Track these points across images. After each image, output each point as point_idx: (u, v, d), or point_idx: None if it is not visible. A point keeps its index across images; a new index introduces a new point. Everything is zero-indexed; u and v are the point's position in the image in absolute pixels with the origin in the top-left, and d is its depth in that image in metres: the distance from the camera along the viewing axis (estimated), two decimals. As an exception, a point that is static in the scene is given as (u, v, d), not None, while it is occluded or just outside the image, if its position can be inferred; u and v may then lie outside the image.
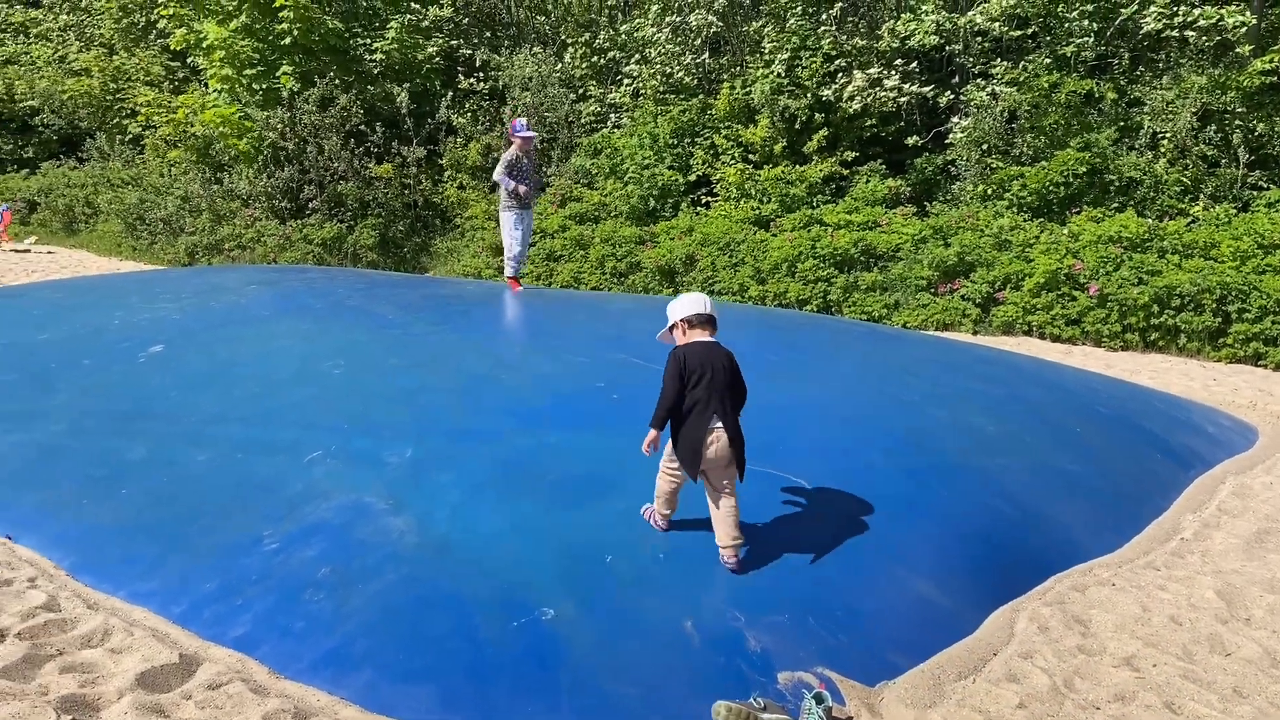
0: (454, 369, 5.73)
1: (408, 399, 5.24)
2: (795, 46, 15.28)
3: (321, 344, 6.28)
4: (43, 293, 9.00)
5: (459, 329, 7.03)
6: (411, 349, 6.14)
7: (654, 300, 9.91)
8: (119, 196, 19.51)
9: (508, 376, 5.41)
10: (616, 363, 5.74)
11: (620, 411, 4.87)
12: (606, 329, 6.89)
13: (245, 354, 6.15)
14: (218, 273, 10.22)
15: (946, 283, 12.31)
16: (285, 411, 5.17)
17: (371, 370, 5.72)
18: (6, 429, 5.37)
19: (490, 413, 5.02)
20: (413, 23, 18.47)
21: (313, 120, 17.34)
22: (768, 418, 4.96)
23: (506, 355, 6.04)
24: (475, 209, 17.30)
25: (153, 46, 22.46)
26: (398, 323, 6.87)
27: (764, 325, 8.20)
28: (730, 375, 3.95)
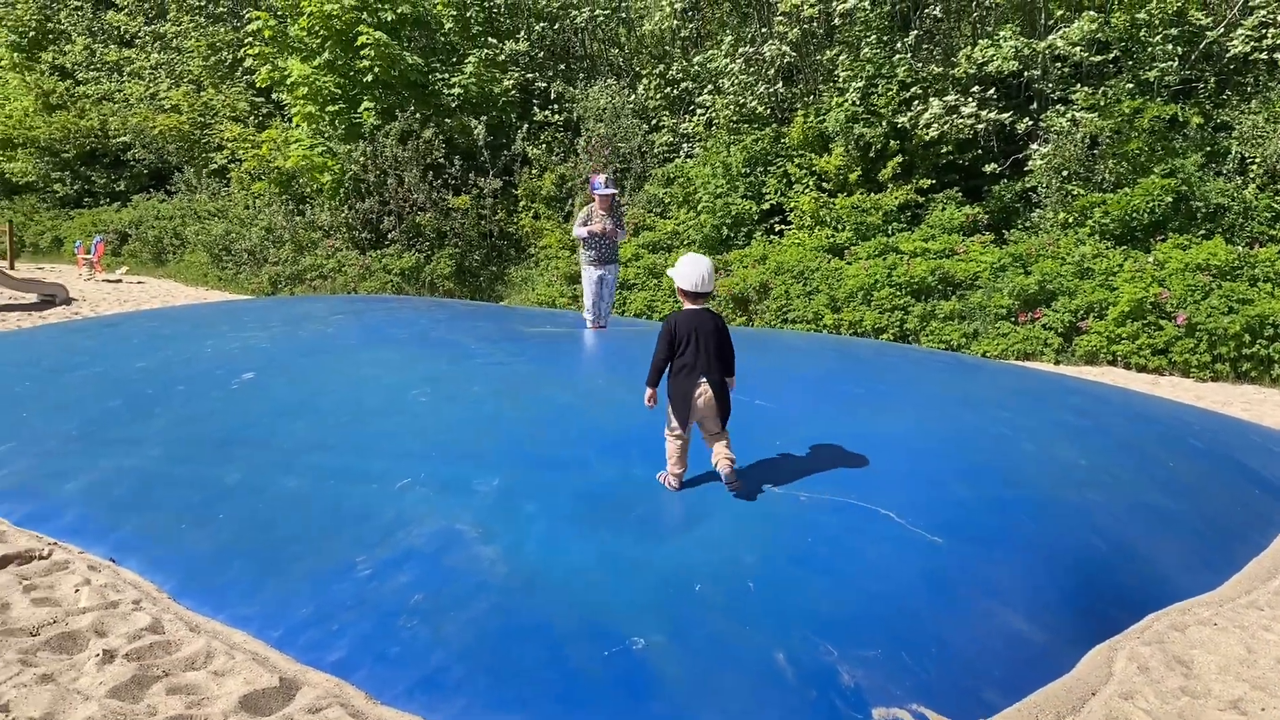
0: (537, 399, 5.80)
1: (493, 428, 5.31)
2: (870, 74, 15.25)
3: (407, 373, 6.40)
4: (138, 322, 9.32)
5: (540, 359, 7.11)
6: (494, 379, 6.23)
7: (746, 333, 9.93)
8: (205, 228, 20.14)
9: (590, 407, 5.45)
10: (699, 393, 5.76)
11: (703, 442, 4.87)
12: None
13: (334, 382, 6.29)
14: (302, 302, 10.49)
15: (1027, 311, 12.12)
16: (375, 439, 5.28)
17: (456, 399, 5.80)
18: (110, 454, 5.56)
19: (574, 443, 5.06)
20: (489, 57, 18.81)
21: (394, 153, 17.73)
22: (853, 449, 4.93)
23: (588, 386, 6.08)
24: (549, 238, 17.51)
25: (239, 83, 23.21)
26: (479, 353, 6.97)
27: (843, 355, 8.16)
28: (717, 338, 4.56)
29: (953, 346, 12.24)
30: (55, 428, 6.20)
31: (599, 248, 9.59)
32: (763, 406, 5.39)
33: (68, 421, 6.26)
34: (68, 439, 5.98)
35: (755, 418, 5.14)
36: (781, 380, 6.32)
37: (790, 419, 5.38)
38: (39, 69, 29.18)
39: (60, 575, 4.41)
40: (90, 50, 28.85)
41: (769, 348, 8.13)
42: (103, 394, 6.65)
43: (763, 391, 5.66)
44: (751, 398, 5.32)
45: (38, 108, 27.80)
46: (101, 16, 28.86)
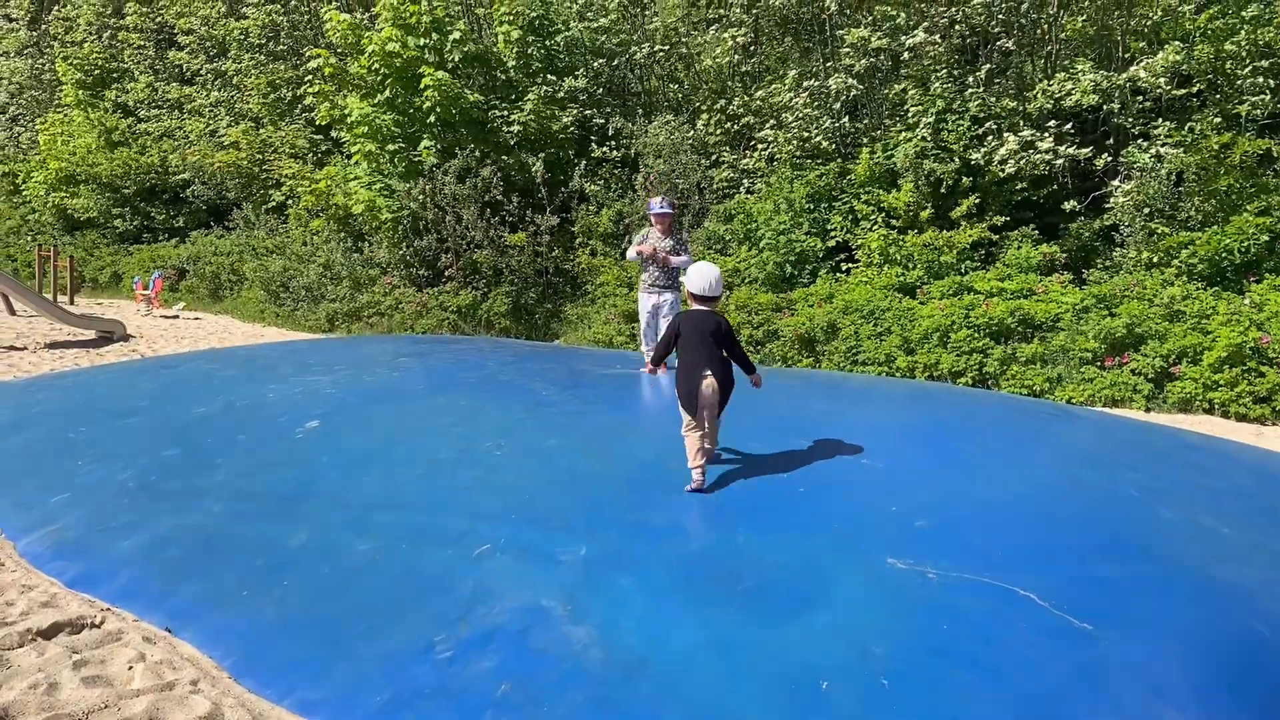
0: (618, 453, 5.40)
1: (574, 486, 4.92)
2: (940, 109, 14.80)
3: (479, 422, 6.04)
4: (197, 364, 9.08)
5: (617, 407, 6.72)
6: (571, 430, 5.85)
7: (817, 376, 9.47)
8: (263, 264, 20.11)
9: (678, 463, 5.03)
10: (798, 449, 5.31)
11: (810, 507, 4.44)
12: (776, 409, 6.47)
13: (404, 432, 5.95)
14: (365, 343, 10.23)
15: (1114, 356, 11.53)
16: (449, 497, 4.90)
17: (534, 453, 5.42)
18: (168, 509, 5.24)
19: (665, 505, 4.65)
20: (548, 94, 18.64)
21: (452, 191, 17.56)
22: (977, 515, 4.47)
23: (672, 439, 5.68)
24: (607, 275, 17.19)
25: (297, 120, 23.30)
26: (552, 400, 6.60)
27: (935, 403, 7.67)
28: (718, 338, 5.15)
29: (1035, 392, 11.67)
30: (111, 478, 5.91)
31: (653, 272, 9.23)
32: (871, 467, 4.93)
33: (124, 471, 5.97)
34: (123, 491, 5.69)
35: (865, 479, 4.69)
36: (881, 434, 5.87)
37: (903, 480, 4.92)
38: (103, 106, 29.63)
39: (113, 648, 4.07)
40: (152, 88, 29.26)
41: (852, 395, 7.68)
42: (161, 442, 6.36)
43: (864, 447, 5.21)
44: (857, 456, 4.88)
45: (100, 144, 28.18)
46: (164, 55, 29.27)
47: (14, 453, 6.70)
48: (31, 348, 14.15)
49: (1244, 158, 12.24)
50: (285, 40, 23.90)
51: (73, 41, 32.26)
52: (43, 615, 4.40)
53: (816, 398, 7.11)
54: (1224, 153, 12.39)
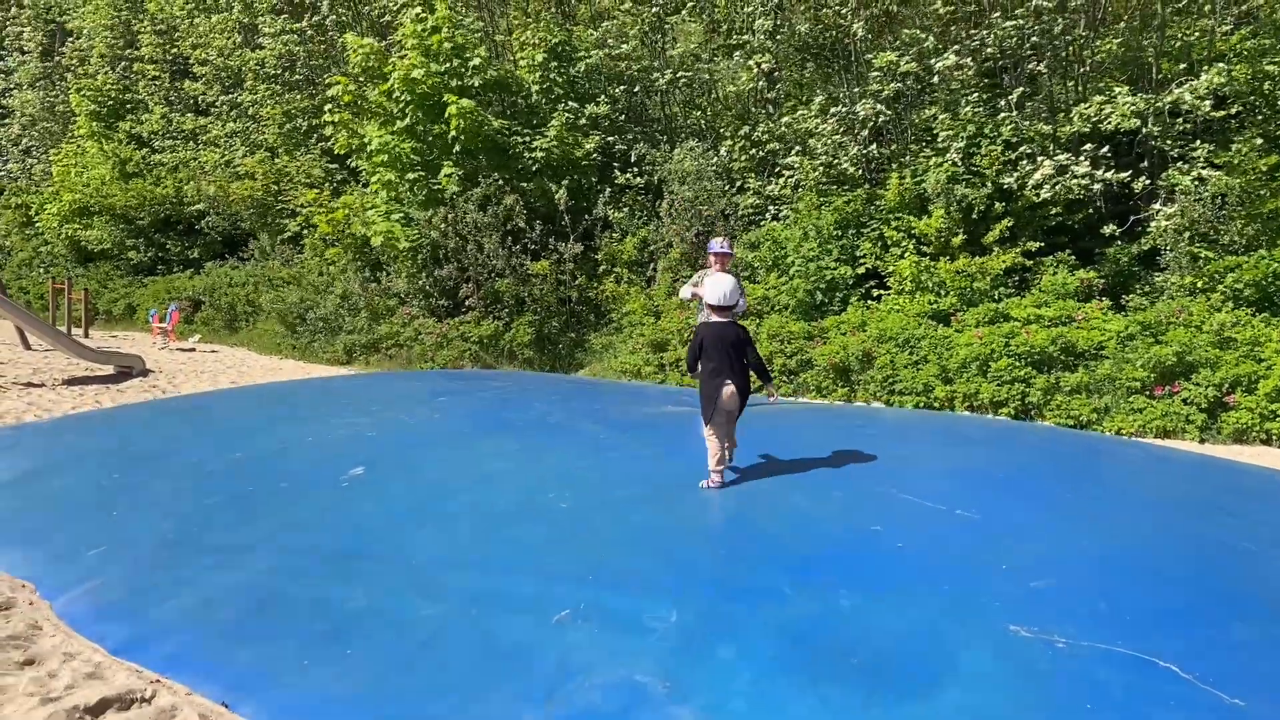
0: (693, 504, 5.09)
1: (652, 543, 4.61)
2: (971, 134, 14.55)
3: (536, 469, 5.74)
4: (229, 403, 8.80)
5: (683, 452, 6.38)
6: (639, 478, 5.54)
7: (876, 414, 9.15)
8: (280, 296, 19.87)
9: (761, 516, 4.72)
10: (885, 499, 5.00)
11: (912, 565, 4.12)
12: (850, 453, 6.15)
13: (457, 480, 5.65)
14: (396, 380, 9.94)
15: (1164, 385, 11.20)
16: (516, 555, 4.60)
17: (602, 505, 5.12)
18: (213, 566, 4.95)
19: (756, 564, 4.33)
20: (570, 120, 18.45)
21: (474, 219, 17.34)
22: (1090, 573, 4.15)
23: (751, 488, 5.35)
24: (633, 304, 16.92)
25: (313, 149, 23.14)
26: (613, 444, 6.30)
27: (1008, 441, 7.36)
28: (737, 346, 5.61)
29: (1082, 423, 11.34)
30: (149, 530, 5.62)
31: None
32: (966, 518, 4.62)
33: (162, 522, 5.68)
34: (164, 543, 5.40)
35: (964, 532, 4.38)
36: (966, 479, 5.55)
37: (1003, 532, 4.60)
38: (117, 138, 29.53)
39: (168, 729, 3.76)
40: (167, 119, 29.17)
41: (921, 435, 7.36)
42: (198, 489, 6.07)
43: (952, 496, 4.90)
44: (949, 506, 4.57)
45: (114, 176, 28.05)
46: (179, 85, 29.20)
47: (45, 500, 6.42)
48: (50, 384, 13.89)
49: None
50: (301, 70, 23.77)
51: (86, 73, 32.22)
52: (89, 690, 4.10)
53: (887, 440, 6.81)
54: (1271, 175, 12.11)
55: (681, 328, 15.49)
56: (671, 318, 15.90)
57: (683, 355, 15.12)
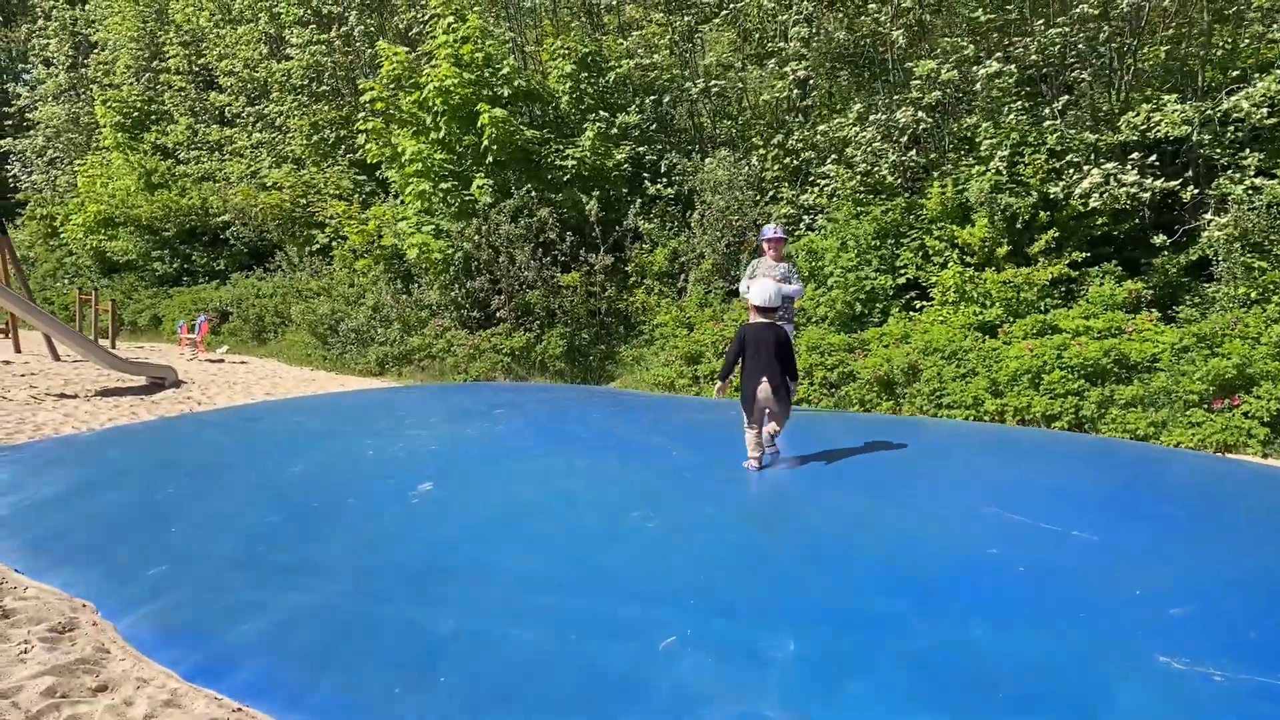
0: (793, 524, 4.86)
1: (756, 565, 4.38)
2: (1014, 142, 14.32)
3: (615, 487, 5.52)
4: (281, 415, 8.62)
5: (764, 471, 6.14)
6: (724, 496, 5.31)
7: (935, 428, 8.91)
8: (310, 307, 19.74)
9: (867, 538, 4.50)
10: (993, 520, 4.77)
11: (1042, 592, 3.89)
12: (950, 471, 5.91)
13: (532, 497, 5.44)
14: (449, 392, 9.76)
15: (1223, 398, 10.93)
16: (609, 576, 4.38)
17: (692, 524, 4.89)
18: (286, 586, 4.74)
19: (873, 590, 4.10)
20: (602, 130, 18.29)
21: (507, 231, 17.18)
22: (1225, 598, 3.90)
23: (847, 506, 5.12)
24: (665, 316, 16.72)
25: (341, 161, 23.04)
26: (688, 460, 6.09)
27: (1066, 455, 7.09)
28: (776, 347, 5.98)
29: (1139, 436, 11.07)
30: (213, 548, 5.43)
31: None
32: (1085, 540, 4.38)
33: (226, 540, 5.48)
34: (230, 563, 5.20)
35: (1087, 555, 4.14)
36: (1073, 498, 5.32)
37: (1126, 557, 4.37)
38: (142, 149, 29.52)
39: (261, 766, 3.55)
40: (192, 130, 29.16)
41: (1007, 450, 7.11)
42: (260, 505, 5.87)
43: (1061, 515, 4.67)
44: (1063, 527, 4.33)
45: (140, 186, 28.03)
46: (204, 97, 29.20)
47: (98, 515, 6.23)
48: (83, 395, 13.76)
49: (1353, 189, 11.68)
50: (328, 81, 23.70)
51: (111, 84, 32.27)
52: (168, 718, 3.89)
53: (967, 455, 6.57)
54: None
55: (716, 339, 15.28)
56: (705, 329, 15.68)
57: (717, 367, 14.91)
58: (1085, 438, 9.99)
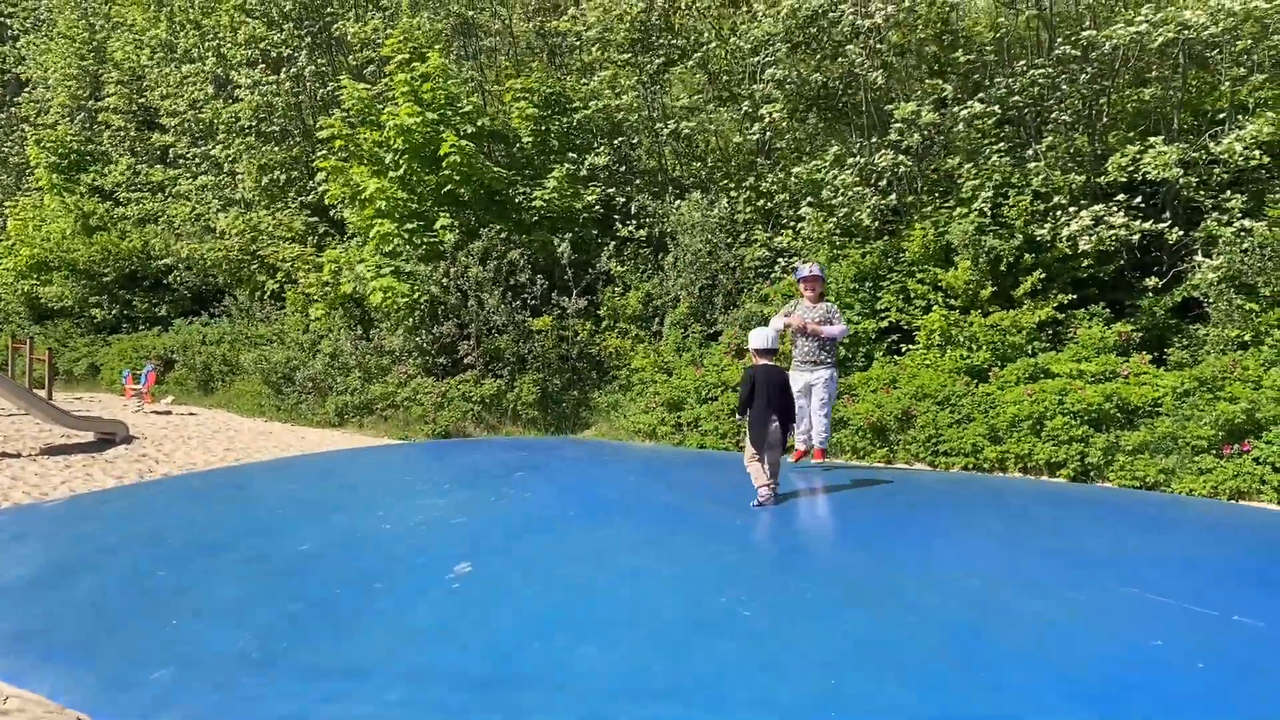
0: (906, 607, 4.34)
1: (885, 661, 3.87)
2: (997, 183, 14.17)
3: (685, 563, 4.97)
4: (267, 481, 7.90)
5: (845, 536, 5.60)
6: (817, 572, 4.80)
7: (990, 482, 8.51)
8: (263, 355, 18.86)
9: (1000, 625, 4.01)
10: (1137, 602, 4.31)
11: (1236, 695, 3.43)
12: (1051, 539, 5.44)
13: (593, 578, 4.86)
14: (453, 450, 9.13)
15: (1232, 443, 10.73)
16: (714, 681, 3.82)
17: (795, 611, 4.36)
18: (322, 694, 4.10)
19: (1036, 693, 3.60)
20: (571, 171, 17.85)
21: (475, 274, 16.59)
22: None
23: (960, 584, 4.62)
24: (642, 360, 16.23)
25: (292, 203, 22.24)
26: (750, 527, 5.54)
27: (1140, 516, 6.71)
28: (782, 388, 6.81)
29: (1149, 484, 10.82)
30: (224, 644, 4.76)
31: (804, 346, 8.41)
32: (1249, 626, 3.94)
33: (238, 635, 4.82)
34: (248, 663, 4.54)
35: (1259, 645, 3.69)
36: (1194, 572, 4.91)
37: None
38: (78, 190, 28.32)
39: None
40: (133, 170, 28.07)
41: (1056, 505, 6.69)
42: (273, 591, 5.21)
43: (1205, 595, 4.23)
44: (1220, 610, 3.90)
45: (76, 229, 26.83)
46: (145, 136, 28.16)
47: (84, 606, 5.49)
48: (28, 454, 12.80)
49: (1346, 230, 11.66)
50: (278, 121, 22.95)
51: (45, 124, 31.04)
52: None
53: (1059, 517, 6.14)
54: (1321, 226, 11.81)
55: (699, 385, 14.83)
56: (686, 375, 15.23)
57: (700, 413, 14.46)
58: (1152, 495, 9.68)
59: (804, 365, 8.20)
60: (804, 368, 8.21)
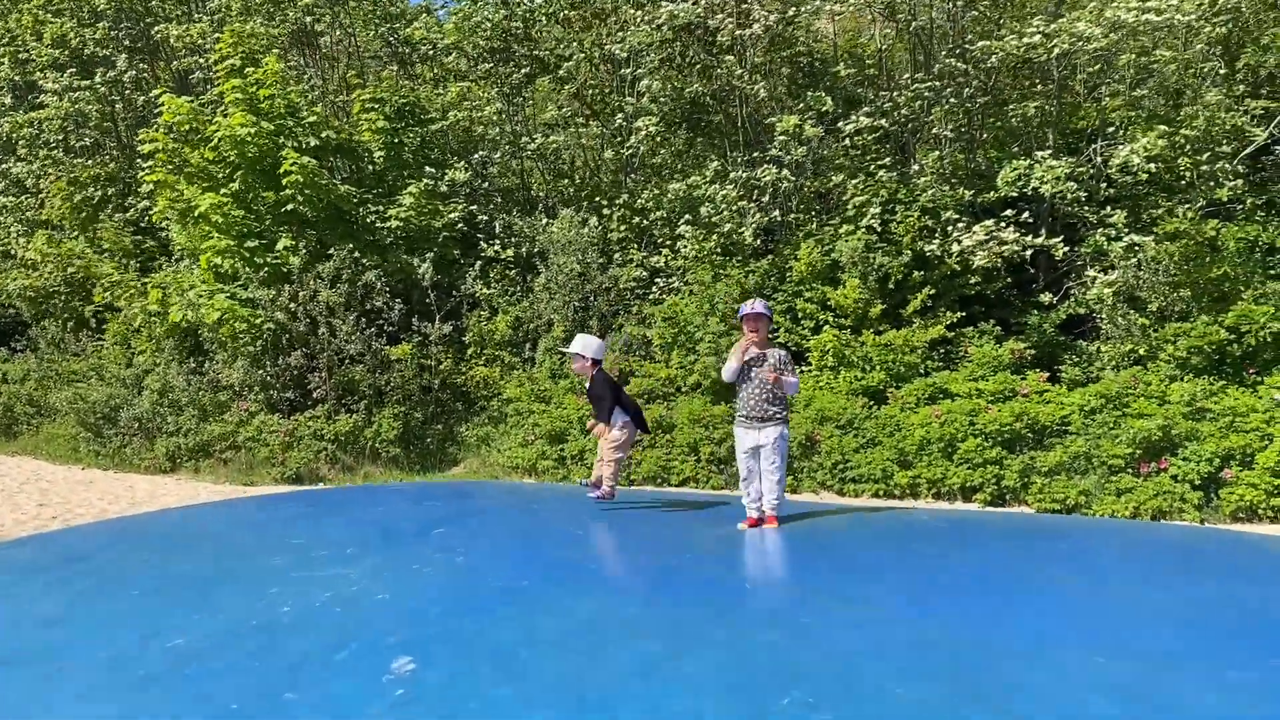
0: (1031, 703, 3.38)
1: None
2: (884, 199, 13.76)
3: (705, 648, 3.86)
4: (107, 547, 6.32)
5: (909, 602, 4.59)
6: (900, 659, 3.75)
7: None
8: (78, 394, 16.62)
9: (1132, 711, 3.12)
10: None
11: None
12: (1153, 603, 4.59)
13: (588, 678, 3.69)
14: (341, 501, 7.70)
15: (1149, 461, 10.46)
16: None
17: (873, 710, 3.34)
18: None
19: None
20: (429, 187, 16.52)
21: (327, 297, 15.02)
22: None
23: (1059, 657, 3.71)
24: (516, 390, 15.04)
25: (109, 222, 19.90)
26: (767, 597, 4.50)
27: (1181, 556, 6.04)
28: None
29: (1069, 507, 10.42)
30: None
31: (750, 398, 7.41)
32: None
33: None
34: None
35: None
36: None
37: None
38: None
39: None
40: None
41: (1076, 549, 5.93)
42: (137, 714, 3.83)
43: None
44: None
45: None
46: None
47: None
48: None
49: (1238, 244, 11.69)
50: (92, 132, 20.62)
51: None
52: None
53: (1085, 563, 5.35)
54: (1216, 241, 11.82)
55: (583, 415, 13.75)
56: (569, 404, 14.14)
57: (586, 445, 13.41)
58: (1079, 519, 9.15)
59: (750, 421, 7.12)
60: (750, 424, 7.14)
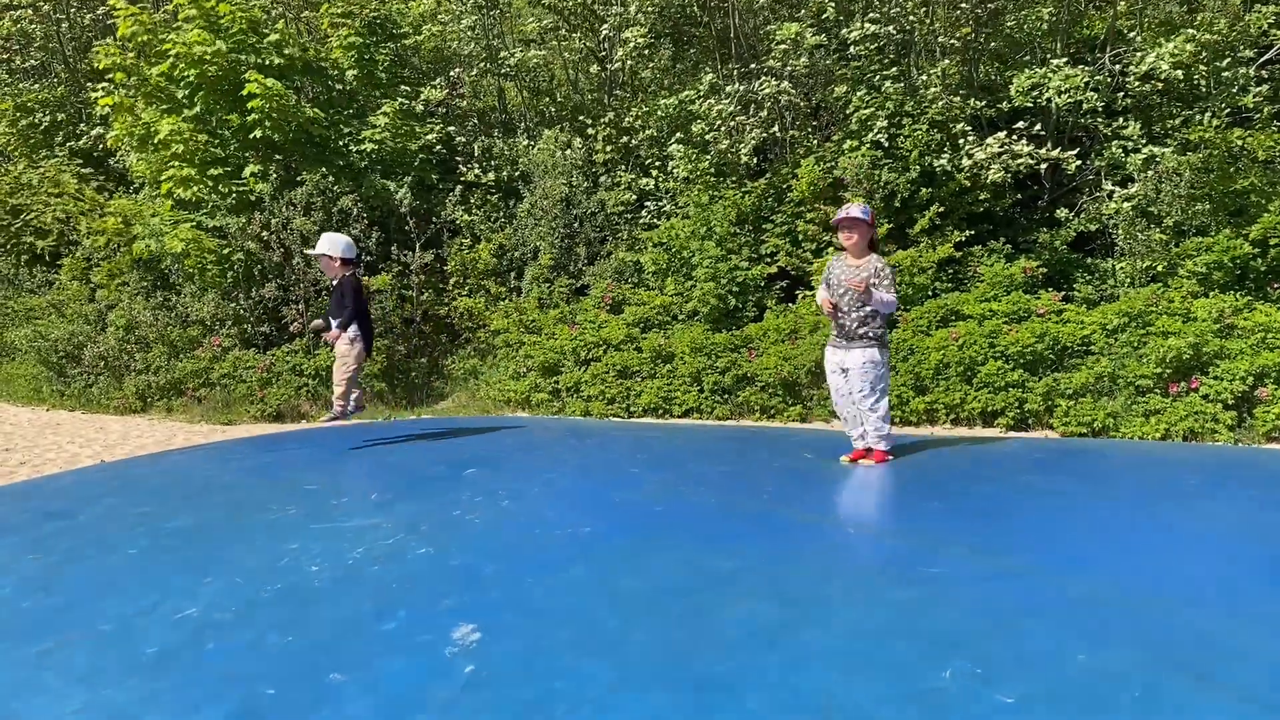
0: (1210, 661, 2.88)
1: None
2: (890, 112, 13.07)
3: (829, 609, 3.32)
4: (92, 498, 5.65)
5: (1015, 553, 4.03)
6: (1046, 610, 3.24)
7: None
8: (40, 331, 15.73)
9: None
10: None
11: None
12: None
13: (697, 649, 3.15)
14: (346, 438, 7.03)
15: (1179, 381, 10.04)
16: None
17: (1075, 684, 2.80)
18: None
19: None
20: (404, 107, 15.59)
21: (300, 225, 14.18)
22: None
23: (1249, 613, 3.20)
24: (504, 321, 14.36)
25: (61, 150, 18.78)
26: (880, 545, 3.94)
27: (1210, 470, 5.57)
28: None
29: (1096, 430, 10.00)
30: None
31: (842, 315, 6.77)
32: None
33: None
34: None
35: None
36: None
37: None
38: None
39: None
40: None
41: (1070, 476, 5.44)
42: (152, 699, 3.24)
43: None
44: None
45: None
46: None
47: None
48: None
49: (1268, 152, 11.17)
50: (37, 54, 19.35)
51: None
52: None
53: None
54: (1241, 151, 11.29)
55: (577, 346, 13.15)
56: (562, 334, 13.50)
57: (581, 377, 12.84)
58: (1118, 442, 8.68)
59: (837, 339, 6.51)
60: (837, 342, 6.52)
